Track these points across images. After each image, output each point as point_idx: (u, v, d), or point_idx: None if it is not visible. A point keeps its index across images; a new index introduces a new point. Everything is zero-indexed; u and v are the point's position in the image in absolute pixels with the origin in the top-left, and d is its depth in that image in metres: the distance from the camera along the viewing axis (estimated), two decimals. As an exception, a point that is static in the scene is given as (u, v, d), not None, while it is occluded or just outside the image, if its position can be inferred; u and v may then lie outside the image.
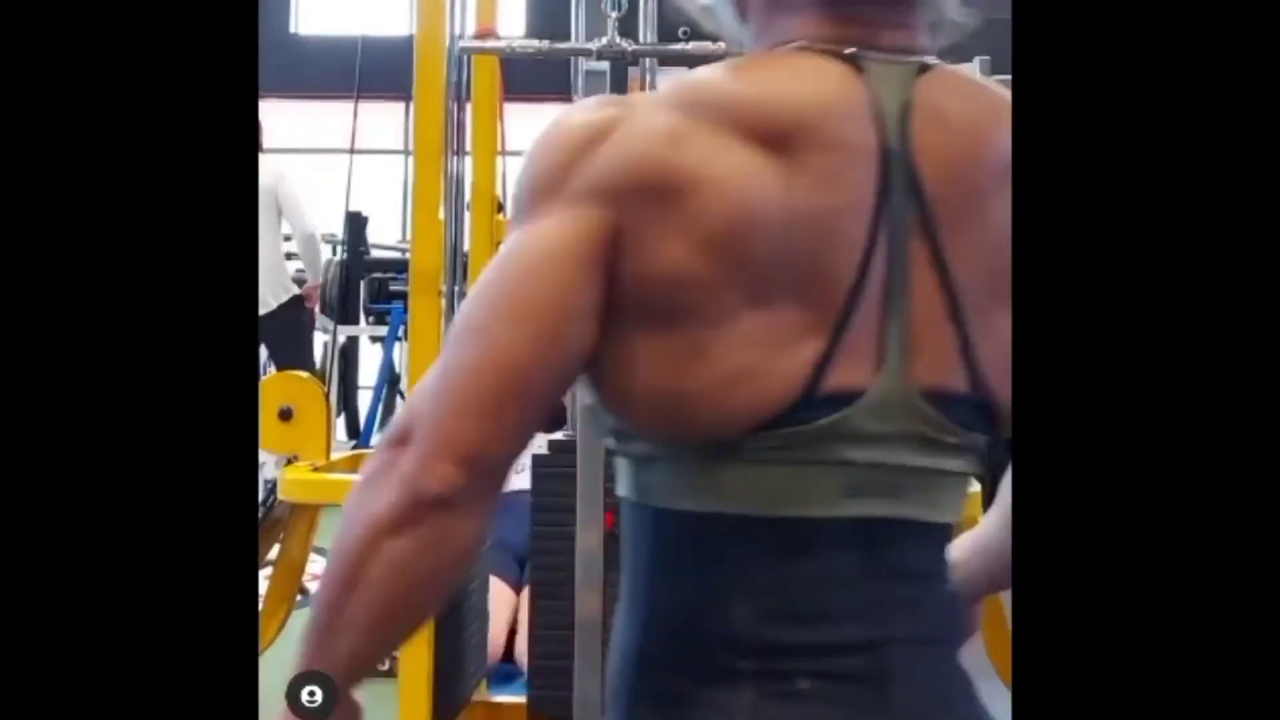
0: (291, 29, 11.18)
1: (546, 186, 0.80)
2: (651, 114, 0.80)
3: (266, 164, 5.11)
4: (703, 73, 0.86)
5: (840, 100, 0.81)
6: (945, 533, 0.88)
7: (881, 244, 0.80)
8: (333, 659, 0.89)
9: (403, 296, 4.77)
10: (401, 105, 9.66)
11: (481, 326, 0.81)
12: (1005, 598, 2.25)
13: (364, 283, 6.50)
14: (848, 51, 0.82)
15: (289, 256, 5.63)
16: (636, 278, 0.78)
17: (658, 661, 0.84)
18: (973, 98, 0.87)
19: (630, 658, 0.85)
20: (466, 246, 2.60)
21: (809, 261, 0.79)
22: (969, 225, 0.83)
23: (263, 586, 2.54)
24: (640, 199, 0.77)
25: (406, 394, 2.25)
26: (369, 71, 4.60)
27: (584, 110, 0.83)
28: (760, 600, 0.81)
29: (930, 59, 0.85)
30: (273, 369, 5.36)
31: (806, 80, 0.81)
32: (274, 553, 2.65)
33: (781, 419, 0.79)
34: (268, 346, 5.20)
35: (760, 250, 0.78)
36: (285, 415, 2.50)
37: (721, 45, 2.21)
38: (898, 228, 0.81)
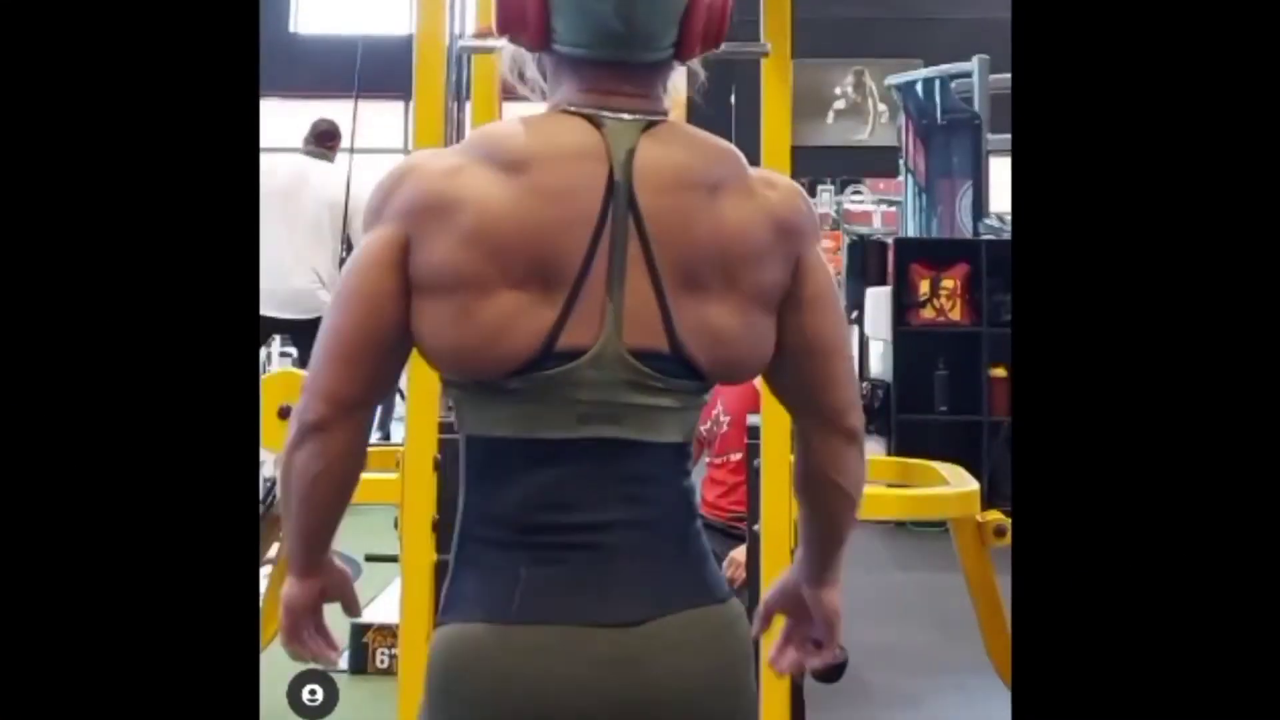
0: (291, 28, 11.17)
1: (372, 213, 1.18)
2: (441, 157, 1.18)
3: (336, 170, 5.13)
4: (489, 125, 1.25)
5: (576, 144, 1.14)
6: (666, 449, 1.19)
7: (604, 245, 1.13)
8: (292, 538, 1.25)
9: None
10: (401, 105, 9.68)
11: (333, 309, 1.18)
12: (1005, 598, 2.25)
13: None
14: (587, 112, 1.16)
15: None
16: (424, 266, 1.13)
17: (471, 538, 1.20)
18: (685, 143, 1.18)
19: (458, 537, 1.22)
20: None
21: (546, 255, 1.12)
22: (673, 235, 1.14)
23: (262, 584, 2.54)
24: (424, 215, 1.13)
25: (406, 393, 2.25)
26: (369, 71, 4.60)
27: (405, 159, 1.20)
28: (525, 495, 1.16)
29: (656, 116, 1.18)
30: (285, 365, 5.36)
31: (552, 130, 1.17)
32: (274, 550, 2.64)
33: (528, 367, 1.13)
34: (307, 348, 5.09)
35: (503, 245, 1.11)
36: (285, 414, 2.49)
37: (720, 45, 2.22)
38: (618, 235, 1.13)
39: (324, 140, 5.36)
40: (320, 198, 5.04)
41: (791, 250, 1.21)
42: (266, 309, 4.32)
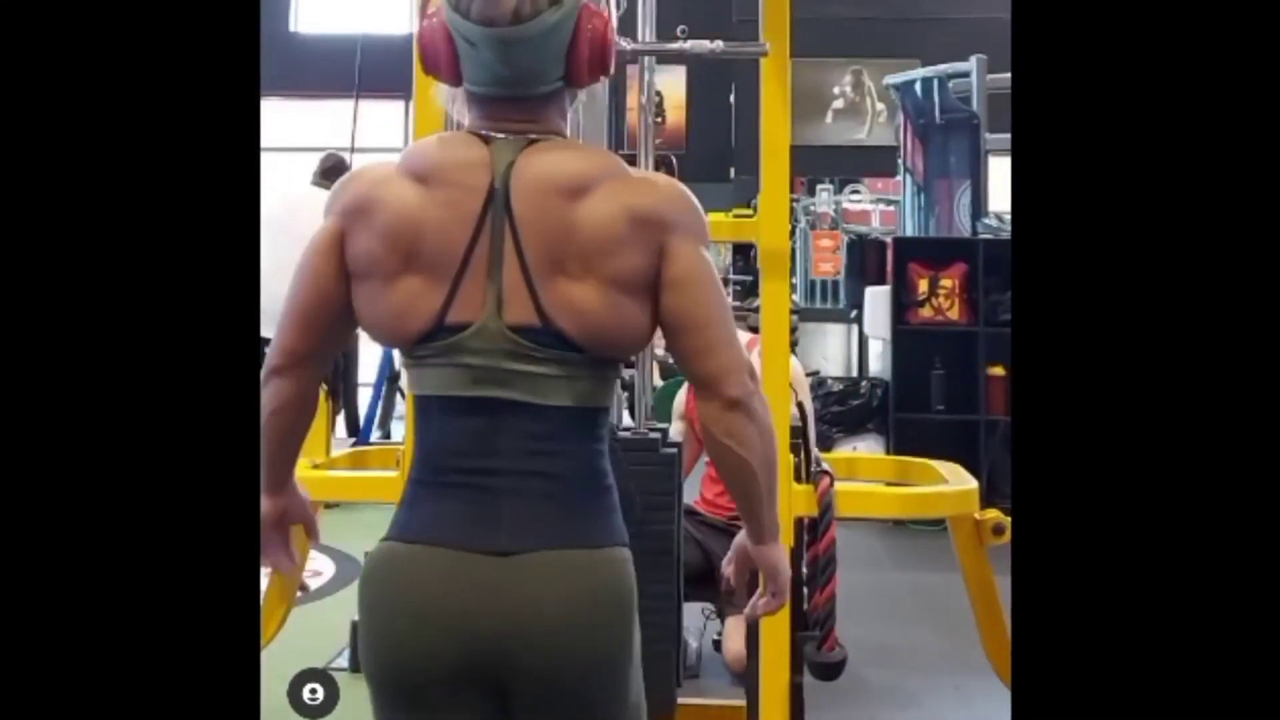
0: (291, 28, 11.16)
1: (325, 209, 1.46)
2: (376, 169, 1.46)
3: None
4: (417, 142, 1.51)
5: (468, 158, 1.41)
6: (558, 412, 1.40)
7: (484, 240, 1.38)
8: (264, 466, 1.49)
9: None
10: (402, 104, 9.67)
11: (291, 283, 1.46)
12: (1005, 598, 2.25)
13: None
14: (482, 132, 1.43)
15: None
16: (351, 255, 1.42)
17: (411, 477, 1.46)
18: (557, 156, 1.41)
19: (408, 478, 1.47)
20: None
21: (437, 247, 1.38)
22: (538, 229, 1.37)
23: (263, 583, 2.54)
24: (354, 213, 1.42)
25: (407, 392, 2.25)
26: (369, 70, 4.60)
27: (354, 168, 1.53)
28: (438, 441, 1.42)
29: (537, 136, 1.42)
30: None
31: (452, 146, 1.44)
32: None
33: (425, 338, 1.39)
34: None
35: (403, 240, 1.38)
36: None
37: (719, 45, 2.22)
38: (496, 231, 1.38)
39: (331, 176, 5.34)
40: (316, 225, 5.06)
41: (653, 240, 1.38)
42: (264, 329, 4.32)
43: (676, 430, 3.45)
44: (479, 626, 1.36)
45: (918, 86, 7.07)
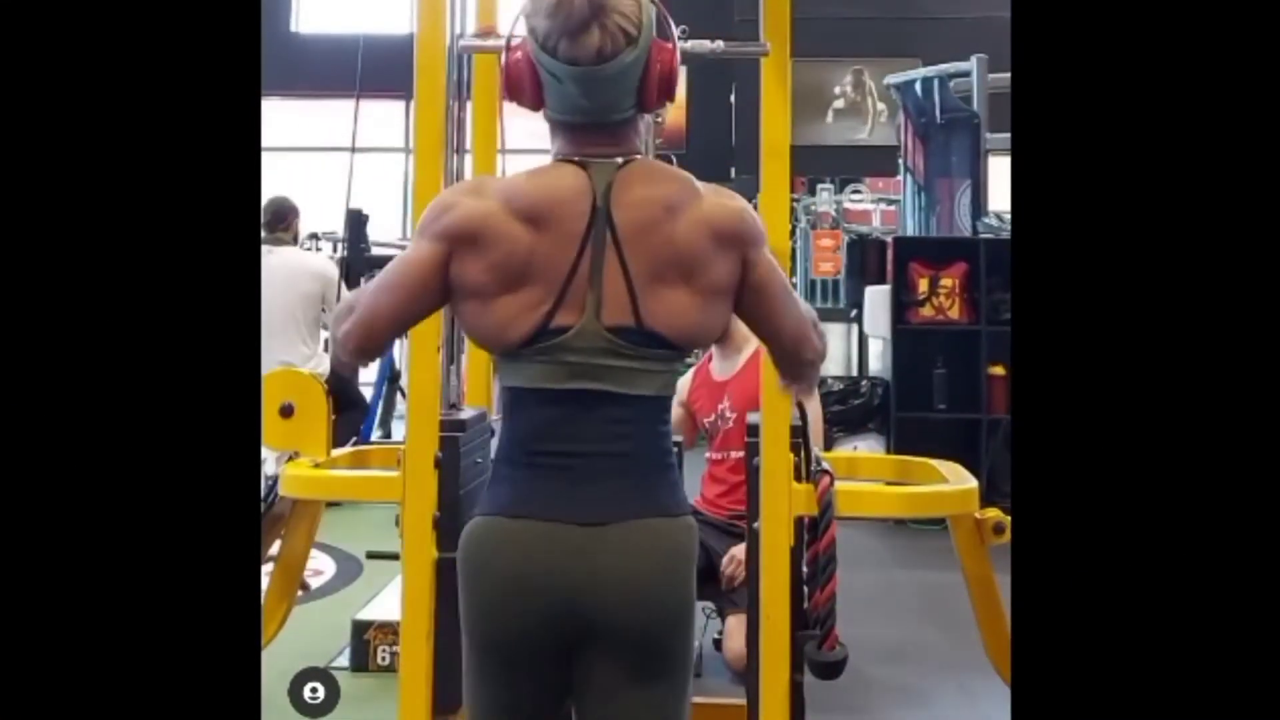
0: (292, 28, 11.17)
1: (422, 228, 1.60)
2: (480, 198, 1.57)
3: (297, 256, 4.96)
4: (511, 179, 1.60)
5: (571, 185, 1.56)
6: (641, 401, 1.58)
7: (588, 254, 1.54)
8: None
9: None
10: (402, 104, 9.68)
11: (383, 285, 1.60)
12: (1004, 595, 2.25)
13: (364, 279, 6.47)
14: (578, 159, 1.58)
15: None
16: (457, 277, 1.56)
17: (499, 459, 1.64)
18: (648, 176, 1.58)
19: (493, 460, 1.67)
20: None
21: (546, 269, 1.54)
22: (641, 244, 1.54)
23: (263, 582, 2.55)
24: (458, 240, 1.55)
25: (408, 391, 2.25)
26: (370, 70, 4.59)
27: (448, 192, 1.65)
28: (531, 428, 1.59)
29: (625, 158, 1.59)
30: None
31: (554, 178, 1.58)
32: (275, 549, 2.64)
33: (532, 339, 1.55)
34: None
35: (518, 272, 1.54)
36: (286, 412, 2.49)
37: (719, 44, 2.22)
38: (599, 246, 1.54)
39: (277, 224, 5.18)
40: (293, 287, 4.91)
41: (734, 252, 1.57)
42: None
43: (675, 416, 3.46)
44: (573, 585, 1.54)
45: (918, 86, 7.07)
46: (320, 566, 4.56)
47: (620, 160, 1.59)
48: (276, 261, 4.90)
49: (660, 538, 1.58)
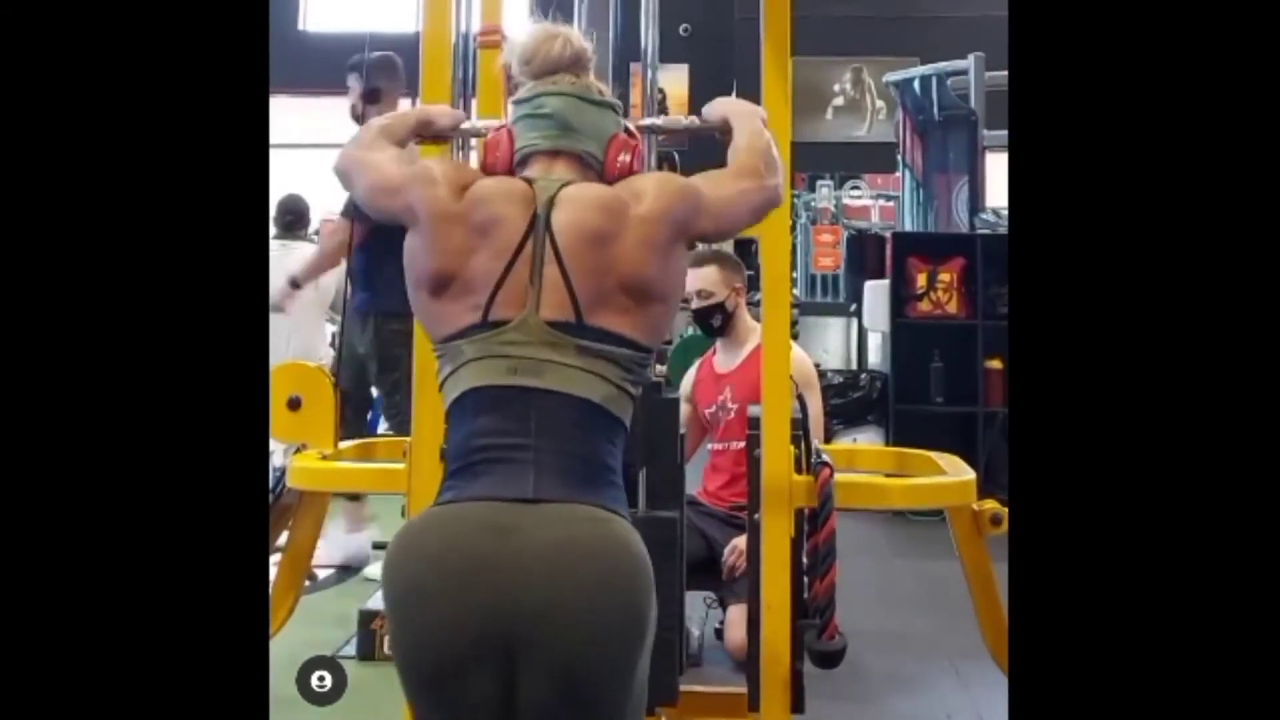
0: (300, 26, 11.17)
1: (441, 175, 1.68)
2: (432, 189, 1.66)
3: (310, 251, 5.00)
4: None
5: (516, 195, 1.63)
6: (583, 403, 1.55)
7: (525, 254, 1.58)
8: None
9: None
10: (407, 102, 9.66)
11: (364, 166, 1.81)
12: (1001, 585, 2.28)
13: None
14: (524, 177, 1.67)
15: None
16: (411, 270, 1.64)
17: (449, 461, 1.59)
18: (588, 195, 1.63)
19: (444, 476, 1.61)
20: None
21: (486, 260, 1.58)
22: (577, 248, 1.58)
23: (272, 573, 2.56)
24: (461, 195, 1.63)
25: (415, 384, 2.27)
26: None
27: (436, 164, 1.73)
28: (476, 426, 1.56)
29: (569, 180, 1.65)
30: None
31: (505, 185, 1.65)
32: (283, 539, 2.65)
33: (470, 330, 1.57)
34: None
35: (456, 255, 1.60)
36: (294, 404, 2.51)
37: (694, 120, 2.23)
38: (538, 248, 1.59)
39: (296, 224, 5.28)
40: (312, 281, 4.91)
41: (677, 229, 1.61)
42: None
43: (684, 413, 3.47)
44: (488, 565, 1.44)
45: (917, 84, 7.09)
46: (326, 558, 4.57)
47: (563, 182, 1.64)
48: (297, 259, 5.00)
49: (601, 522, 1.49)
